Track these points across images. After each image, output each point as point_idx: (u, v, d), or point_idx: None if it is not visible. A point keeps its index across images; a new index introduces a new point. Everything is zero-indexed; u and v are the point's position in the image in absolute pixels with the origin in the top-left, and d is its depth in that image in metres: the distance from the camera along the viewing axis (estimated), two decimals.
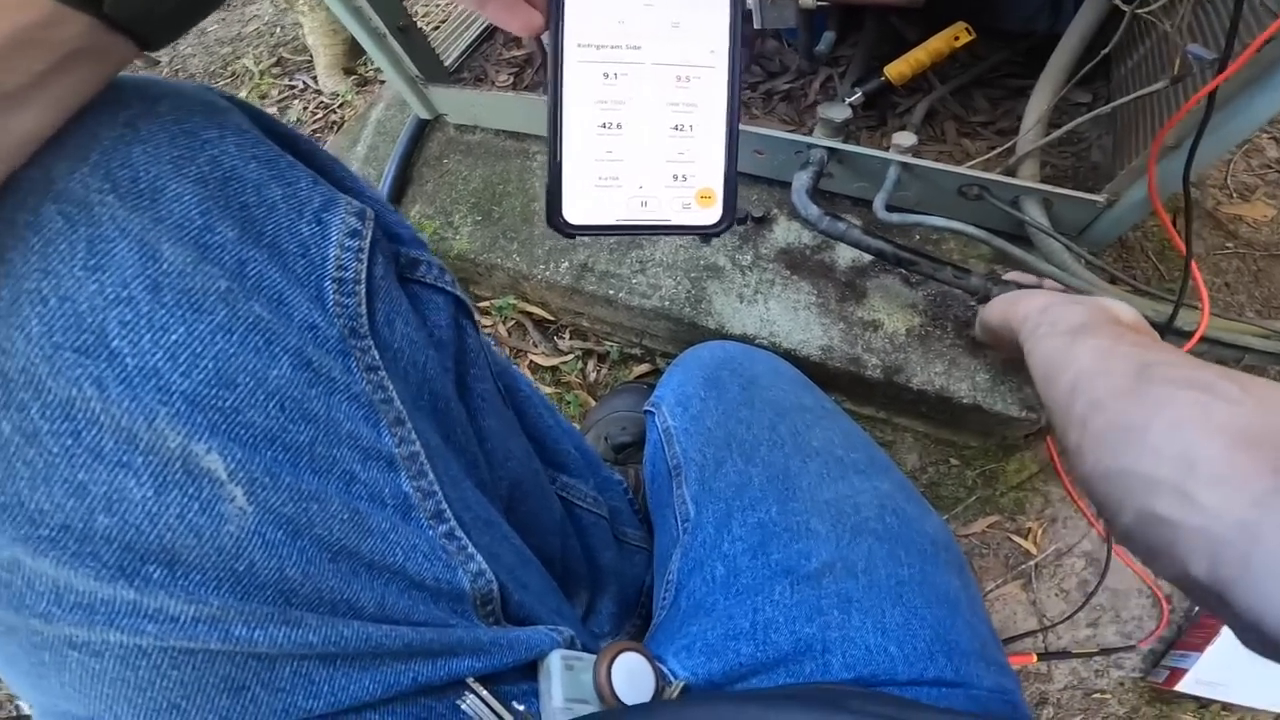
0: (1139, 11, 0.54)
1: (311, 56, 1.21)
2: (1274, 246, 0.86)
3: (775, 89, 0.91)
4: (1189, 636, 0.69)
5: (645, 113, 0.30)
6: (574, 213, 0.29)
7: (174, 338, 0.22)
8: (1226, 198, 0.90)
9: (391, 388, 0.29)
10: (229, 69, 1.35)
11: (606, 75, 0.30)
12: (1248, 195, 0.90)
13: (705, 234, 0.31)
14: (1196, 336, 0.59)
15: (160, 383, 0.22)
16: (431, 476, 0.29)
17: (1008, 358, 0.63)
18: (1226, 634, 0.65)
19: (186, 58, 1.41)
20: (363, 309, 0.29)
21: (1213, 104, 0.48)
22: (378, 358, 0.29)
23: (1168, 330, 0.60)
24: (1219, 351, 0.65)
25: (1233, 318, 0.63)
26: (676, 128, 0.31)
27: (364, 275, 0.29)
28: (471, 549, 0.30)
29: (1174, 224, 0.87)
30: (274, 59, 1.32)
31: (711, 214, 0.31)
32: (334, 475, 0.26)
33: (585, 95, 0.29)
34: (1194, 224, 0.87)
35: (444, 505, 0.30)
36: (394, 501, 0.28)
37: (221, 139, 0.26)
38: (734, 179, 0.31)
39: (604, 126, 0.30)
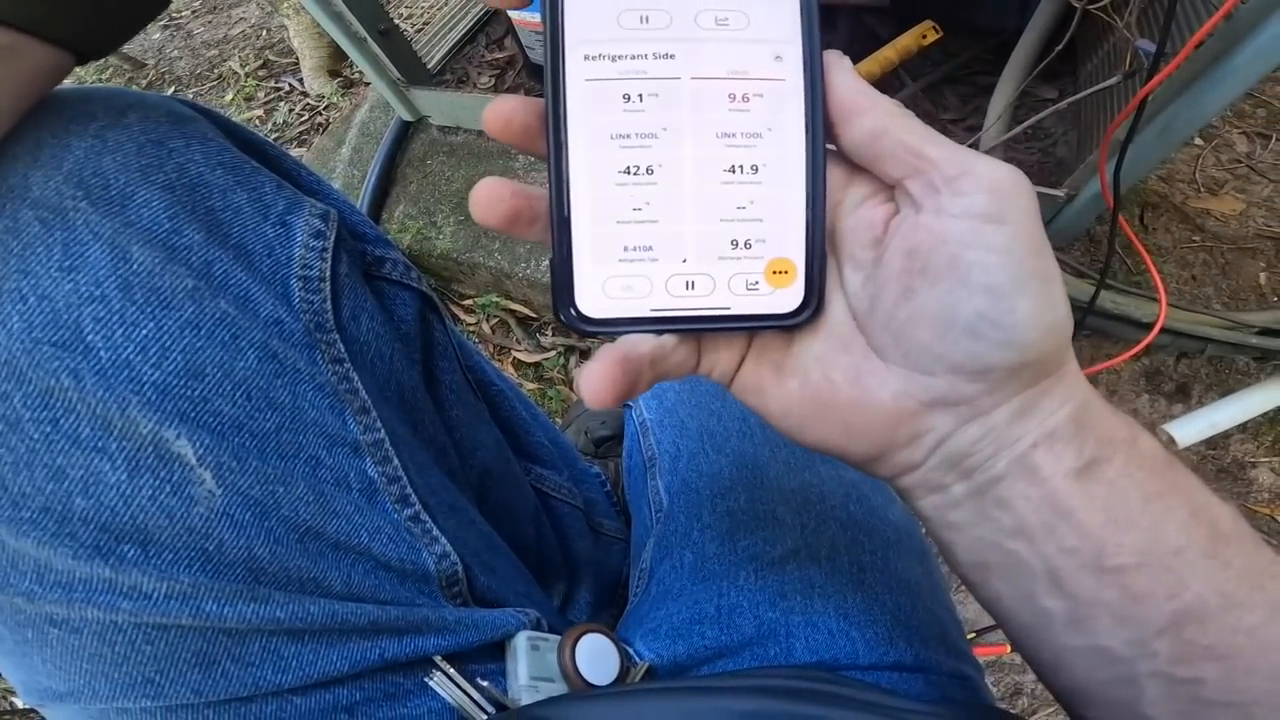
0: (1088, 7, 0.56)
1: (297, 59, 1.22)
2: (1241, 240, 0.88)
3: None
4: None
5: (687, 150, 0.20)
6: (591, 302, 0.20)
7: (144, 333, 0.24)
8: (1195, 192, 0.91)
9: (356, 379, 0.31)
10: (215, 71, 1.36)
11: (628, 97, 0.20)
12: (1216, 190, 0.92)
13: (782, 326, 0.21)
14: (1157, 328, 0.61)
15: (132, 374, 0.23)
16: (396, 462, 0.31)
17: None
18: None
19: (173, 60, 1.42)
20: (328, 305, 0.31)
21: (1144, 104, 0.49)
22: (343, 350, 0.31)
23: (1089, 312, 0.61)
24: (1181, 343, 0.67)
25: (1190, 308, 0.65)
26: (733, 170, 0.21)
27: (328, 273, 0.31)
28: (436, 532, 0.32)
29: (1141, 217, 0.89)
30: (260, 61, 1.33)
31: (789, 297, 0.21)
32: (300, 460, 0.27)
33: (599, 127, 0.20)
34: (1162, 218, 0.90)
35: (409, 490, 0.31)
36: (359, 485, 0.29)
37: (188, 147, 0.28)
38: (822, 244, 0.21)
39: (628, 172, 0.20)
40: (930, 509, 0.22)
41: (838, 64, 0.20)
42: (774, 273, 0.21)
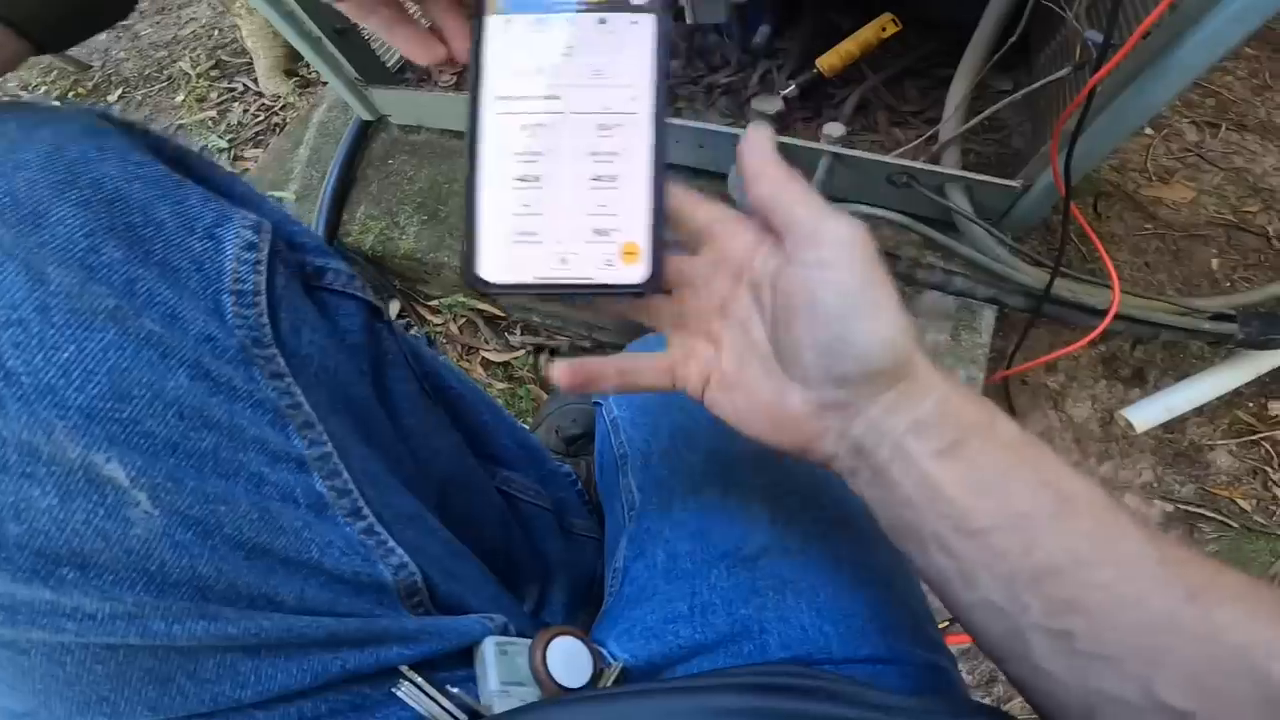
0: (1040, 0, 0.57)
1: (251, 59, 1.19)
2: (1193, 227, 0.91)
3: (716, 83, 0.92)
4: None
5: (565, 165, 0.29)
6: (490, 270, 0.28)
7: (65, 356, 0.23)
8: (1147, 180, 0.94)
9: (299, 393, 0.30)
10: (165, 73, 1.32)
11: (525, 127, 0.29)
12: (1167, 178, 0.95)
13: (630, 294, 0.28)
14: (1110, 316, 0.63)
15: (56, 399, 0.23)
16: (346, 476, 0.30)
17: None
18: None
19: (120, 62, 1.38)
20: (264, 319, 0.30)
21: (1093, 95, 0.50)
22: (284, 365, 0.30)
23: (1045, 300, 0.63)
24: (1135, 329, 0.68)
25: (1143, 294, 0.67)
26: (598, 179, 0.29)
27: (263, 286, 0.30)
28: (392, 544, 0.31)
29: (1095, 205, 0.91)
30: (212, 61, 1.30)
31: (636, 272, 0.28)
32: (241, 478, 0.27)
33: (503, 148, 0.29)
34: (1116, 206, 0.92)
35: (360, 503, 0.31)
36: (307, 500, 0.29)
37: (104, 161, 0.27)
38: (661, 233, 0.28)
39: (522, 180, 0.29)
40: (855, 489, 0.27)
41: (755, 135, 0.28)
42: (626, 253, 0.28)
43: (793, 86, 0.81)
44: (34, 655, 0.24)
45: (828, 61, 0.80)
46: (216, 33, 1.36)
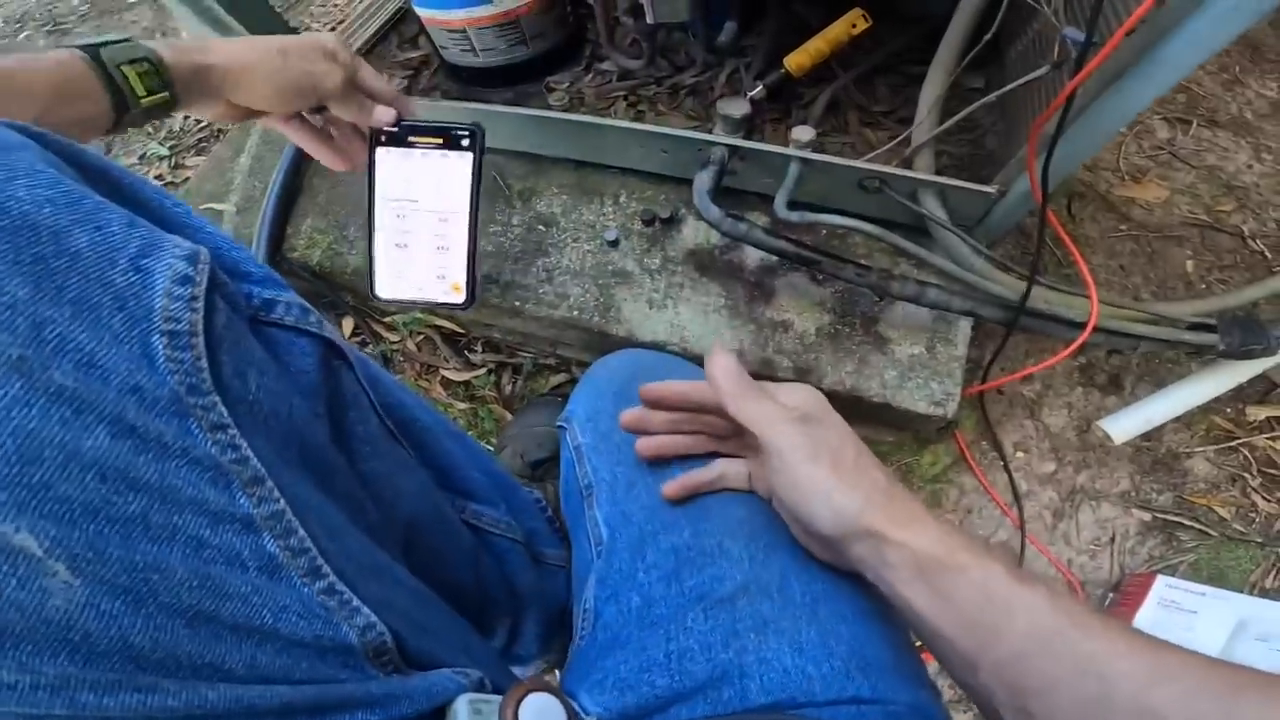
0: None
1: None
2: (1167, 228, 0.89)
3: (681, 83, 0.88)
4: (1105, 614, 0.71)
5: (420, 238, 0.61)
6: (382, 290, 0.63)
7: None
8: (1120, 180, 0.92)
9: (245, 445, 0.27)
10: None
11: (399, 215, 0.61)
12: (1140, 177, 0.93)
13: (455, 309, 0.64)
14: (1087, 331, 0.60)
15: None
16: (302, 533, 0.28)
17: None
18: (1141, 621, 0.69)
19: None
20: (203, 363, 0.27)
21: (1071, 102, 0.48)
22: (226, 415, 0.27)
23: (1021, 312, 0.61)
24: (1114, 341, 0.66)
25: (1120, 304, 0.64)
26: (439, 249, 0.62)
27: (200, 326, 0.27)
28: (356, 602, 0.29)
29: (1069, 207, 0.89)
30: None
31: (460, 297, 0.63)
32: (177, 542, 0.24)
33: (387, 225, 0.61)
34: (1089, 207, 0.90)
35: (320, 561, 0.28)
36: (256, 563, 0.27)
37: (10, 181, 0.23)
38: (474, 277, 0.62)
39: (397, 246, 0.62)
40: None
41: (721, 359, 0.38)
42: (454, 287, 0.62)
43: (760, 87, 0.78)
44: None
45: (796, 60, 0.77)
46: (159, 35, 1.29)
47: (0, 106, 0.36)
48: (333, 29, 0.91)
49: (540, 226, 0.79)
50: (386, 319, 0.87)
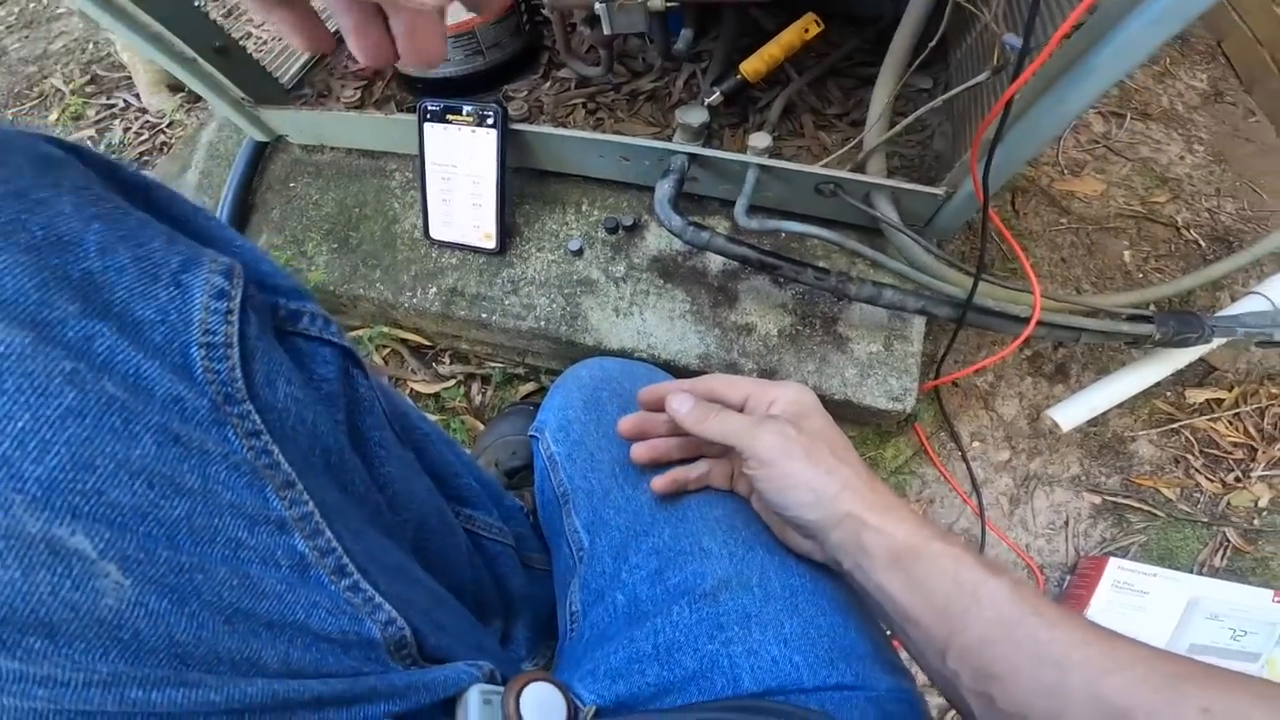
0: None
1: (130, 74, 1.09)
2: (1104, 220, 0.94)
3: (639, 89, 0.89)
4: (1063, 605, 0.75)
5: (459, 195, 0.76)
6: (434, 233, 0.79)
7: (20, 425, 0.21)
8: (1059, 174, 0.96)
9: (277, 451, 0.29)
10: (35, 89, 1.20)
11: (444, 177, 0.76)
12: (1078, 171, 0.97)
13: (488, 254, 0.78)
14: (1030, 326, 0.63)
15: (12, 471, 0.21)
16: (329, 534, 0.29)
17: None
18: (1096, 606, 0.72)
19: None
20: (237, 373, 0.28)
21: (1010, 107, 0.50)
22: (259, 422, 0.28)
23: (968, 308, 0.63)
24: (1057, 334, 0.69)
25: (1062, 300, 0.67)
26: (474, 205, 0.76)
27: (236, 338, 0.28)
28: (379, 599, 0.31)
29: (1012, 202, 0.93)
30: (87, 77, 1.18)
31: (492, 244, 0.77)
32: (218, 543, 0.26)
33: (435, 183, 0.77)
34: (1031, 202, 0.94)
35: (345, 560, 0.30)
36: (289, 562, 0.28)
37: (57, 198, 0.24)
38: (503, 229, 0.77)
39: (443, 200, 0.77)
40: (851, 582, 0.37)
41: (678, 404, 0.41)
42: (485, 235, 0.77)
43: (717, 93, 0.79)
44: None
45: (751, 66, 0.78)
46: (91, 46, 1.24)
47: None
48: (279, 39, 0.89)
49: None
50: (352, 333, 0.86)
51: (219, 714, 0.25)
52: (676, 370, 0.71)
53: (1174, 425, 0.83)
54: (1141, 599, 0.72)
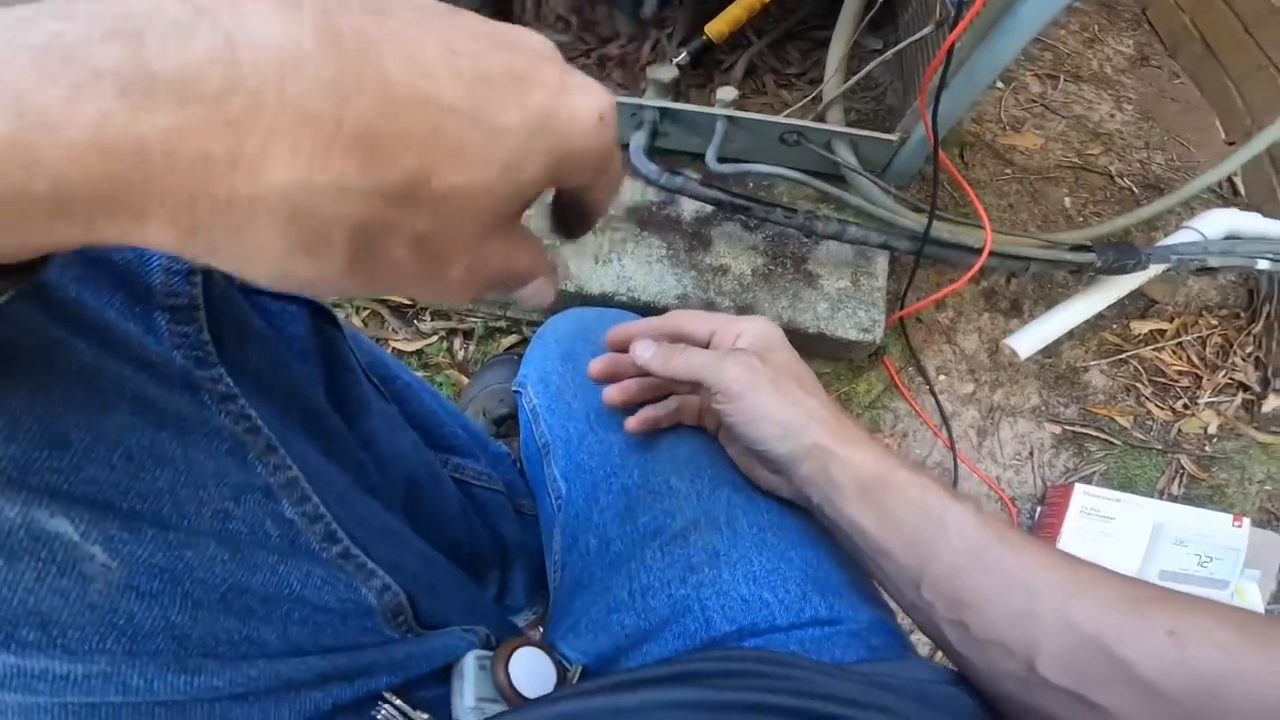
0: None
1: None
2: (1045, 170, 1.00)
3: (608, 54, 0.92)
4: (1022, 530, 0.79)
5: None
6: None
7: None
8: (1002, 130, 1.03)
9: (255, 415, 0.27)
10: None
11: None
12: (1018, 127, 1.04)
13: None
14: (985, 254, 0.69)
15: None
16: (315, 500, 0.28)
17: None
18: (1067, 535, 0.75)
19: None
20: (205, 335, 0.27)
21: (951, 53, 0.54)
22: (233, 385, 0.27)
23: (925, 242, 0.68)
24: (1008, 264, 0.75)
25: (1011, 233, 0.73)
26: None
27: (200, 300, 0.27)
28: (371, 565, 0.30)
29: (961, 154, 0.99)
30: None
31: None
32: (205, 516, 0.25)
33: None
34: (978, 155, 1.00)
35: (334, 526, 0.29)
36: (278, 531, 0.27)
37: None
38: None
39: None
40: (821, 519, 0.37)
41: (634, 347, 0.38)
42: None
43: (684, 54, 0.83)
44: (10, 717, 0.22)
45: (716, 28, 0.82)
46: None
47: None
48: None
49: None
50: (328, 297, 0.87)
51: (224, 699, 0.25)
52: (657, 311, 0.74)
53: (1122, 355, 0.89)
54: (1108, 524, 0.74)
